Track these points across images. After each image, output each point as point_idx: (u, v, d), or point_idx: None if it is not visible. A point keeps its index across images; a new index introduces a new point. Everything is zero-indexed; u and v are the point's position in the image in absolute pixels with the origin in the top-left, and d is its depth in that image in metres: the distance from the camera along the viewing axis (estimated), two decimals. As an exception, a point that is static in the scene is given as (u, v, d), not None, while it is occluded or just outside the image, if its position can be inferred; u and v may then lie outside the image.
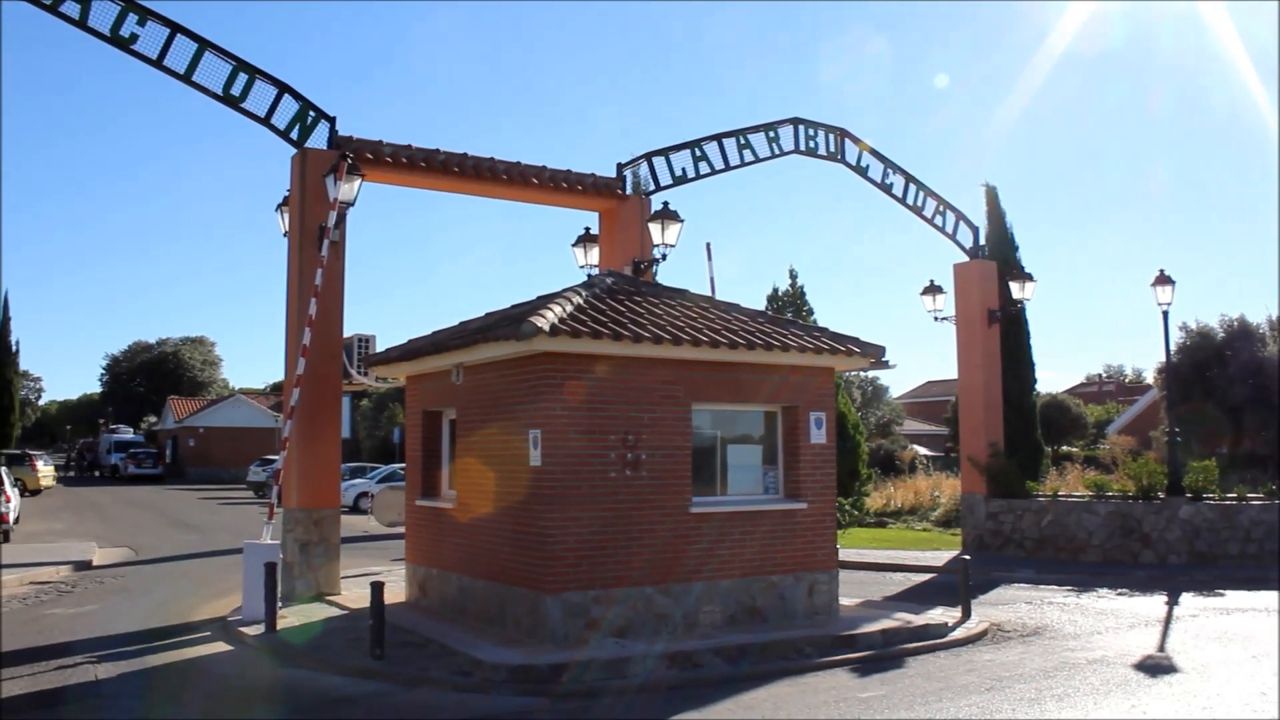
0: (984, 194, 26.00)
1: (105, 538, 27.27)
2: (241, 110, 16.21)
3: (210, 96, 16.06)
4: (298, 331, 15.71)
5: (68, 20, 15.25)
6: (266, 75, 16.29)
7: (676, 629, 12.58)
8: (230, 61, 16.08)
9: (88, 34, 15.41)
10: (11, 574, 19.08)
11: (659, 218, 18.10)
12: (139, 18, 15.54)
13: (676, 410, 12.87)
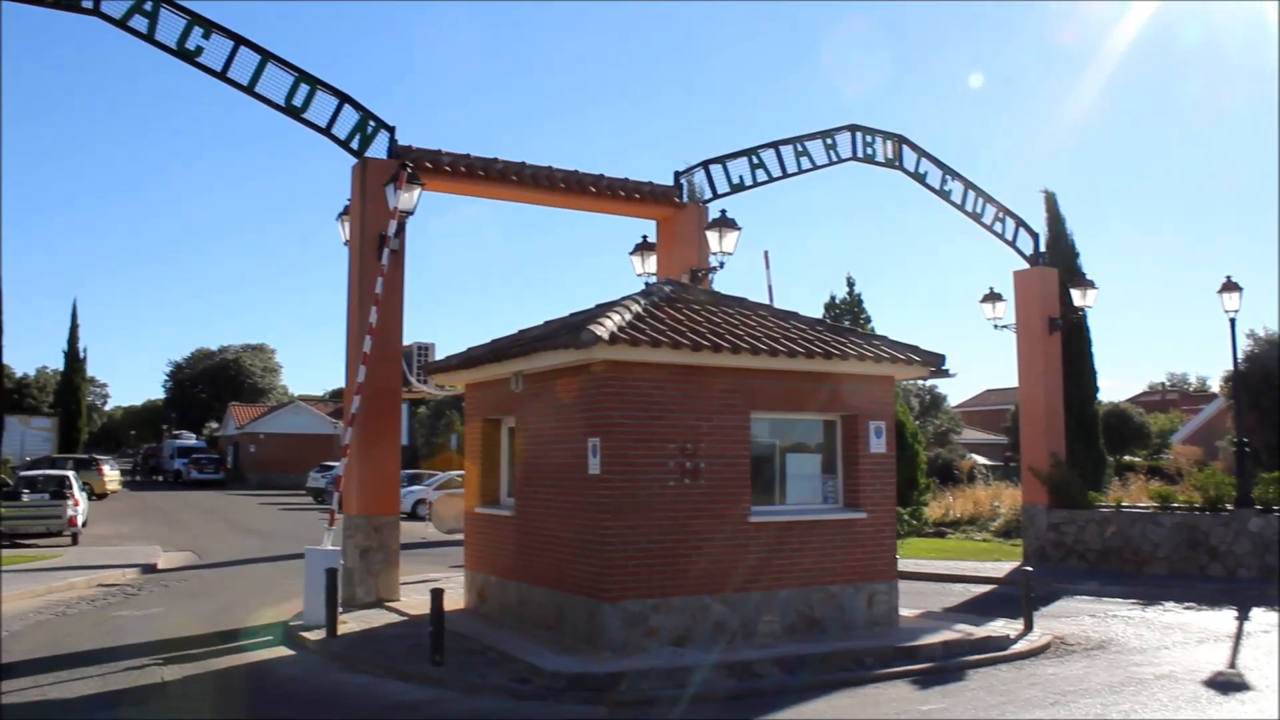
0: (1043, 200, 25.76)
1: (169, 541, 27.73)
2: (303, 120, 16.43)
3: (273, 107, 16.30)
4: (358, 339, 15.86)
5: (136, 34, 15.58)
6: (327, 86, 16.50)
7: (735, 638, 12.53)
8: (292, 73, 16.30)
9: (155, 47, 15.71)
10: (80, 576, 19.47)
11: (717, 225, 18.07)
12: (204, 31, 15.83)
13: (735, 419, 12.82)
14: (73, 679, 11.33)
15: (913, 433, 29.80)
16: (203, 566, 22.68)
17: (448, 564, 21.48)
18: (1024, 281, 23.91)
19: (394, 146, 16.82)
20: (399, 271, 16.40)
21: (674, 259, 19.31)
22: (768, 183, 20.40)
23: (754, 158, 20.22)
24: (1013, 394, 28.08)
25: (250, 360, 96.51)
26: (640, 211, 19.70)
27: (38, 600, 17.18)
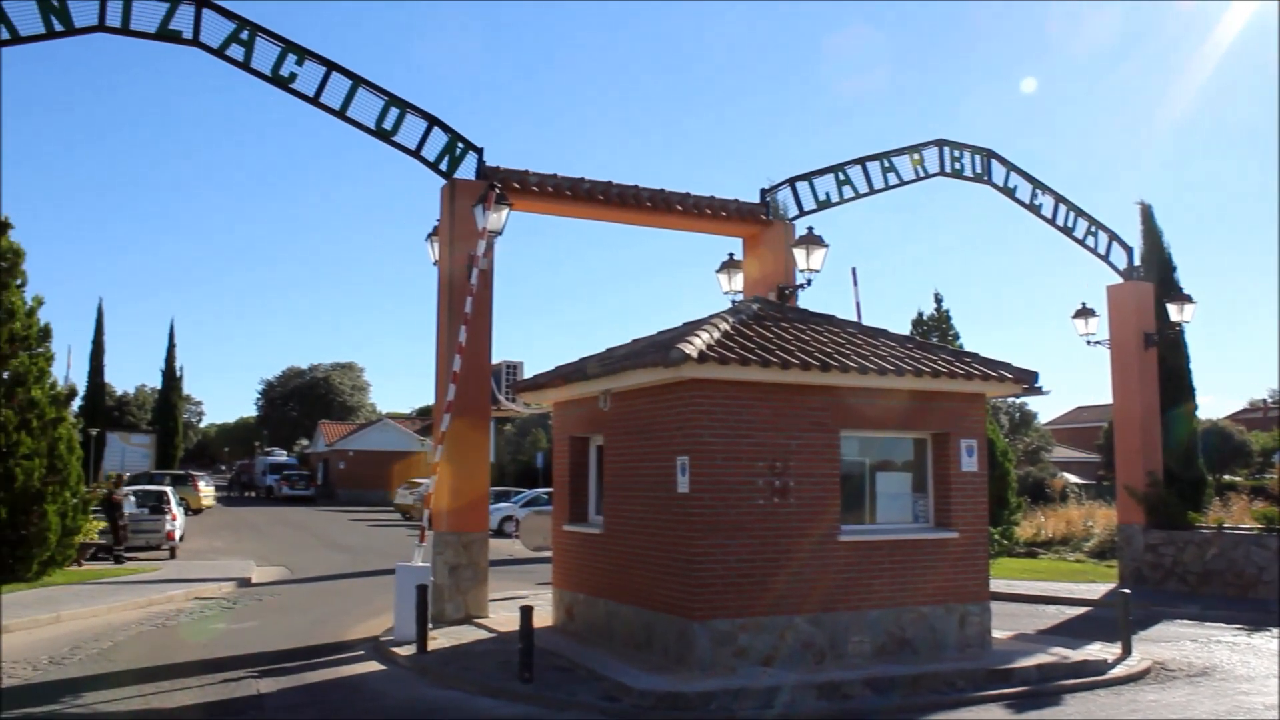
0: (1139, 212, 25.11)
1: (263, 556, 28.24)
2: (393, 143, 16.71)
3: (363, 131, 16.61)
4: (448, 358, 16.04)
5: (233, 63, 15.98)
6: (416, 109, 16.76)
7: (823, 658, 12.40)
8: (382, 96, 16.59)
9: (250, 75, 16.10)
10: (179, 589, 19.92)
11: (803, 243, 17.97)
12: (298, 58, 16.19)
13: (824, 437, 12.72)
14: (173, 689, 11.58)
15: (1003, 450, 29.26)
16: (295, 581, 23.05)
17: (534, 581, 21.57)
18: (1117, 296, 23.42)
19: (482, 167, 17.02)
20: (487, 290, 16.57)
21: (760, 276, 19.25)
22: (854, 199, 20.26)
23: (840, 174, 20.10)
24: (1105, 411, 27.49)
25: (339, 379, 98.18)
26: (726, 229, 19.67)
27: (139, 612, 17.61)
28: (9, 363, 20.82)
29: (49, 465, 20.65)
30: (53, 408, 21.26)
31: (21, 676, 12.27)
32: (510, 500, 39.60)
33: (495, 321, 16.82)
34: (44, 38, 15.29)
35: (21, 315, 21.21)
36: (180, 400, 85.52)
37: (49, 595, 18.49)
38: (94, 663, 13.18)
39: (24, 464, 19.98)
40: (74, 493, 21.58)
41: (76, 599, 18.09)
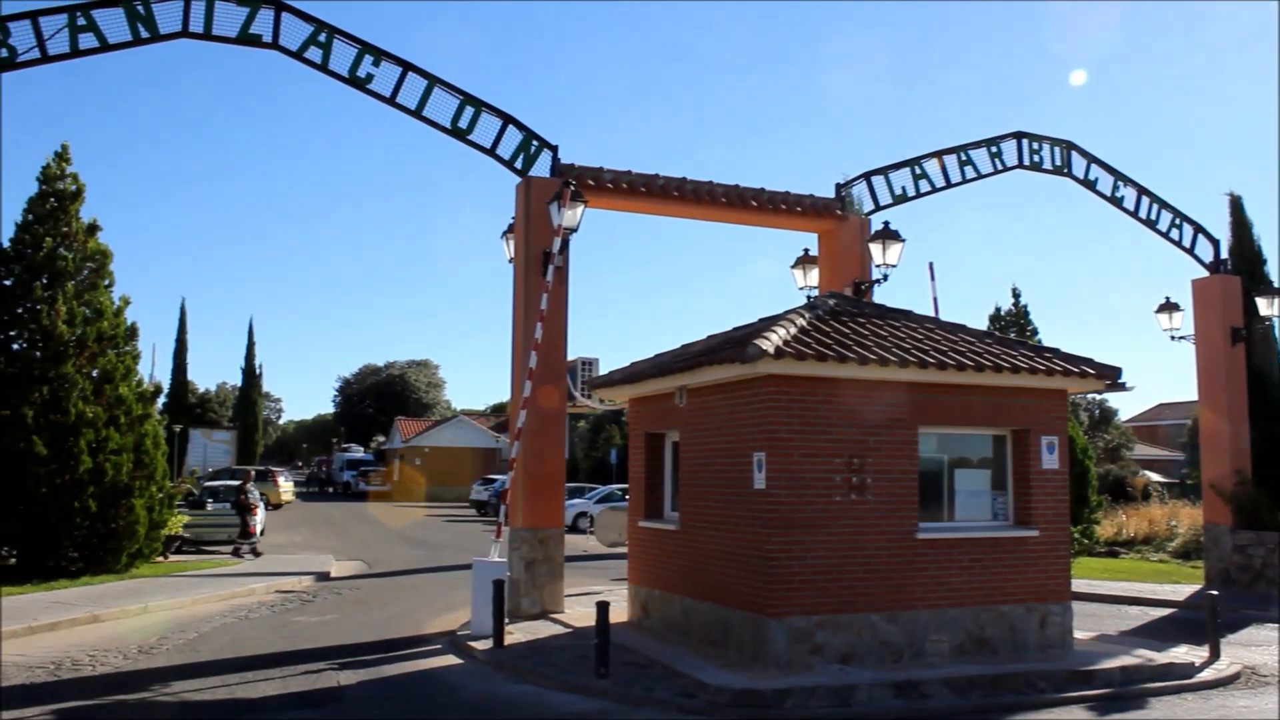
0: (1227, 203, 24.48)
1: (341, 551, 28.64)
2: (468, 142, 16.85)
3: (439, 130, 16.76)
4: (523, 355, 16.14)
5: (311, 65, 16.25)
6: (491, 107, 16.88)
7: (902, 657, 12.28)
8: (457, 96, 16.74)
9: (328, 76, 16.35)
10: (260, 582, 20.27)
11: (880, 238, 17.82)
12: (374, 59, 16.40)
13: (902, 433, 12.60)
14: (256, 680, 11.82)
15: (1082, 448, 28.76)
16: (373, 575, 23.34)
17: (609, 577, 21.65)
18: (1203, 290, 22.87)
19: (557, 165, 17.10)
20: (563, 287, 16.64)
21: (836, 272, 19.12)
22: (930, 193, 20.03)
23: (916, 168, 19.89)
24: (1189, 408, 26.84)
25: (415, 376, 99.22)
26: (801, 225, 19.56)
27: (222, 604, 17.97)
28: (98, 361, 21.35)
29: (136, 460, 21.14)
30: (139, 404, 21.75)
31: (113, 665, 12.61)
32: (584, 496, 39.74)
33: (570, 318, 16.92)
34: (131, 45, 15.68)
35: (109, 315, 21.74)
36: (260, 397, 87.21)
37: (137, 587, 18.94)
38: (180, 653, 13.49)
39: (113, 459, 20.47)
40: (160, 487, 22.06)
41: (163, 591, 18.51)
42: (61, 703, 10.58)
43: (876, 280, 18.36)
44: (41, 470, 19.63)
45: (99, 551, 20.52)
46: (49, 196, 21.76)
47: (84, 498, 19.97)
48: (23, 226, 21.48)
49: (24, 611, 15.63)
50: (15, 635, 14.18)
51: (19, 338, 20.98)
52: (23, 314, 20.93)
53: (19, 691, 11.09)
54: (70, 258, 21.52)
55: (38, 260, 21.12)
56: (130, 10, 15.51)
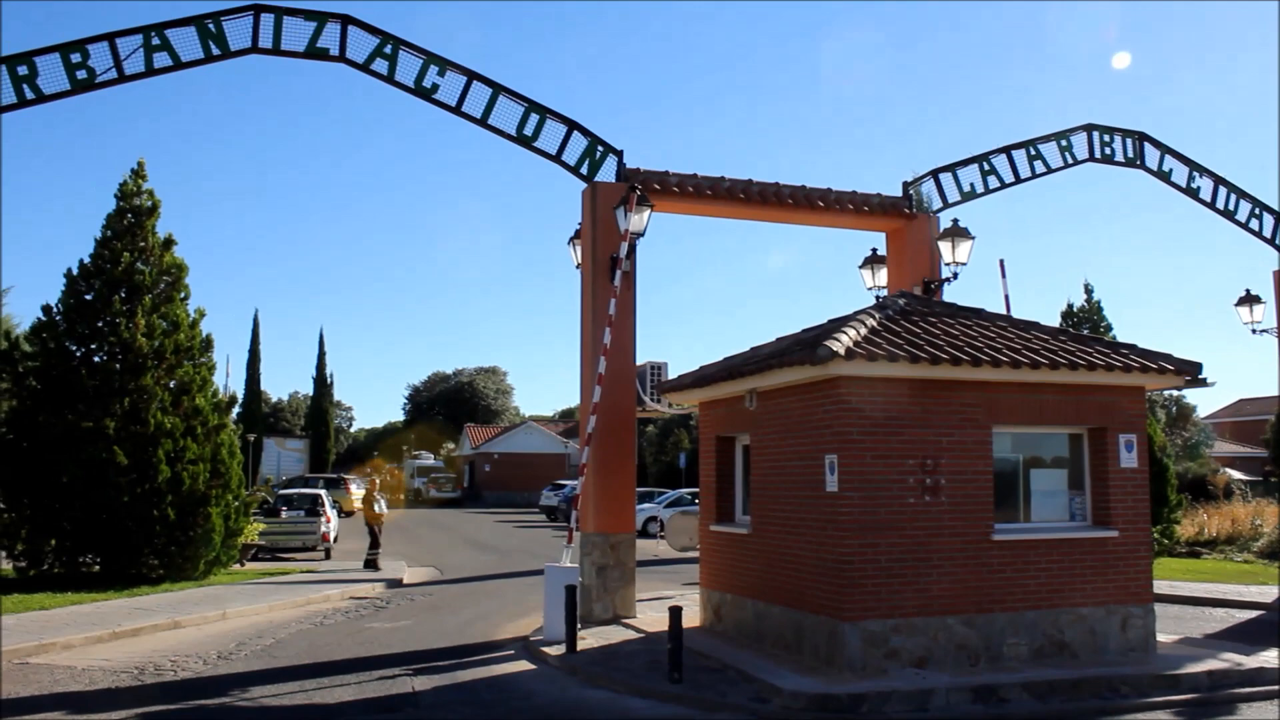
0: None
1: (413, 557, 28.92)
2: (534, 149, 16.94)
3: (504, 138, 16.89)
4: (593, 360, 16.18)
5: (377, 76, 16.46)
6: (556, 114, 16.96)
7: (979, 661, 12.09)
8: (522, 103, 16.84)
9: (394, 87, 16.53)
10: (334, 588, 20.52)
11: (949, 235, 17.61)
12: (439, 69, 16.57)
13: (976, 433, 12.42)
14: (333, 685, 11.94)
15: (1161, 446, 28.18)
16: (445, 582, 23.52)
17: (680, 581, 21.61)
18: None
19: (622, 169, 17.13)
20: (630, 292, 16.66)
21: (905, 271, 18.93)
22: (999, 189, 19.73)
23: (985, 164, 19.62)
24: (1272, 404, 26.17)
25: (484, 383, 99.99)
26: (869, 224, 19.40)
27: (298, 610, 18.21)
28: (175, 372, 21.77)
29: (212, 469, 21.50)
30: (215, 414, 22.13)
31: (194, 670, 12.82)
32: (654, 501, 39.68)
33: (639, 322, 16.94)
34: (202, 63, 16.00)
35: (185, 327, 22.14)
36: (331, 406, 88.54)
37: (215, 594, 19.26)
38: (258, 658, 13.68)
39: (190, 468, 20.85)
40: (235, 496, 22.42)
41: (240, 597, 18.81)
42: (145, 706, 10.78)
43: (946, 279, 18.16)
44: (123, 480, 20.05)
45: (178, 559, 20.91)
46: (126, 212, 22.23)
47: (163, 506, 20.36)
48: (102, 242, 21.96)
49: (108, 617, 15.97)
50: (100, 640, 14.49)
51: (100, 350, 21.45)
52: (103, 327, 21.41)
53: (105, 695, 11.34)
54: (147, 272, 21.97)
55: (116, 274, 21.59)
56: (202, 28, 15.83)
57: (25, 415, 20.81)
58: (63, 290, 21.76)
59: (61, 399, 20.61)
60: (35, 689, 11.64)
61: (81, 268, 21.81)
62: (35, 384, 21.07)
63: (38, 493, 20.16)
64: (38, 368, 21.20)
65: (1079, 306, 35.17)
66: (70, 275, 21.78)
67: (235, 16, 15.98)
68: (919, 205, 19.16)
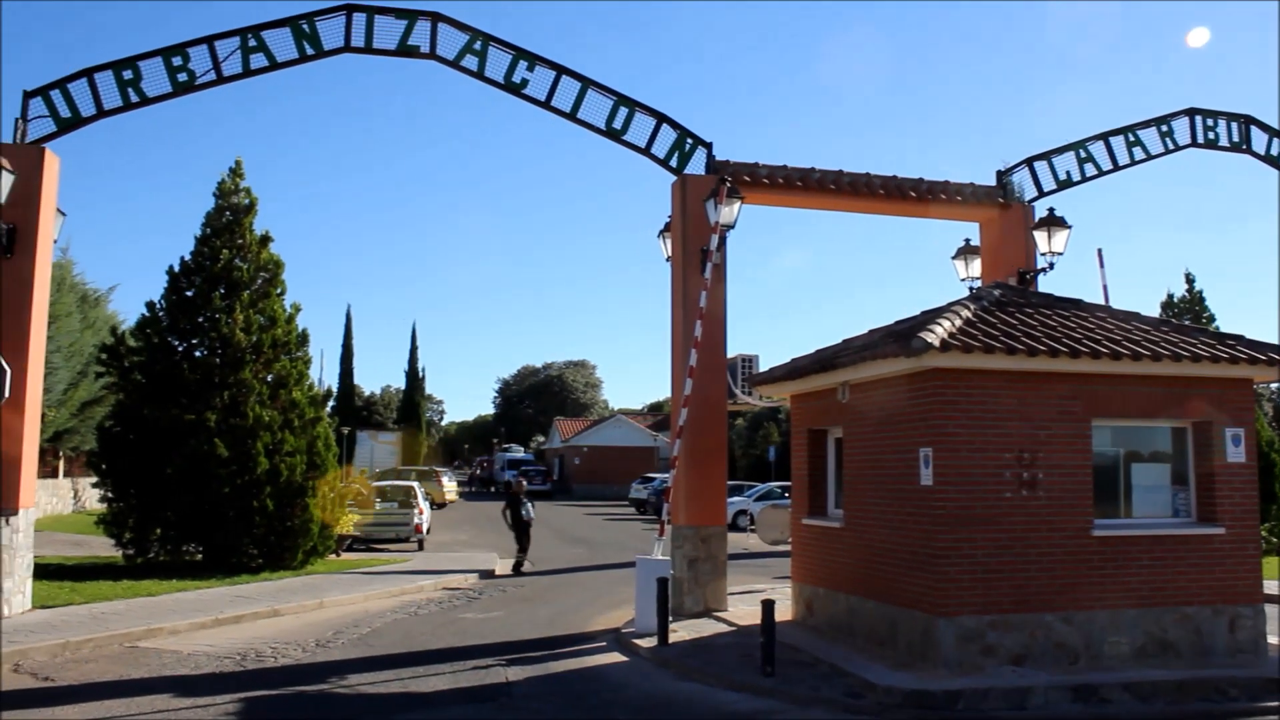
0: None
1: (505, 549, 29.07)
2: (623, 142, 16.98)
3: (594, 131, 16.96)
4: (683, 353, 16.15)
5: (467, 72, 16.65)
6: (645, 107, 16.96)
7: (1078, 660, 11.83)
8: (611, 97, 16.88)
9: (484, 83, 16.69)
10: (427, 579, 20.77)
11: (1045, 225, 17.26)
12: (528, 64, 16.70)
13: (1074, 427, 12.14)
14: (428, 674, 12.10)
15: (1268, 440, 27.29)
16: (536, 574, 23.65)
17: (771, 575, 21.52)
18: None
19: (711, 162, 17.08)
20: (721, 284, 16.60)
21: (999, 261, 18.60)
22: (1097, 177, 19.28)
23: (1081, 151, 19.16)
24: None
25: (573, 376, 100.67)
26: (962, 214, 19.09)
27: (393, 600, 18.47)
28: (273, 366, 22.22)
29: (309, 462, 21.89)
30: (311, 408, 22.54)
31: (293, 657, 13.09)
32: (743, 494, 39.53)
33: (729, 315, 16.88)
34: (297, 63, 16.34)
35: (282, 322, 22.58)
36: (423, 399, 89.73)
37: (312, 583, 19.63)
38: (355, 647, 13.91)
39: (288, 460, 21.26)
40: (332, 487, 22.80)
41: (337, 587, 19.13)
42: (247, 692, 11.03)
43: (1042, 269, 17.79)
44: (223, 471, 20.51)
45: (276, 549, 21.34)
46: (225, 210, 22.73)
47: (262, 497, 20.80)
48: (202, 240, 22.49)
49: (211, 604, 16.38)
50: (204, 626, 14.86)
51: (201, 345, 21.97)
52: (203, 323, 21.93)
53: (211, 679, 11.64)
54: (245, 268, 22.43)
55: (216, 271, 22.10)
56: (296, 29, 16.15)
57: (131, 409, 21.43)
58: (165, 287, 22.32)
59: (165, 393, 21.16)
60: (145, 672, 12.00)
61: (183, 265, 22.36)
62: (140, 378, 21.65)
63: (144, 484, 20.73)
64: (143, 362, 21.78)
65: (1180, 297, 34.22)
66: (172, 272, 22.33)
67: (328, 17, 16.29)
68: (1013, 195, 18.78)
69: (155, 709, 10.19)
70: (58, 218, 16.34)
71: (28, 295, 15.20)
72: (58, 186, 16.01)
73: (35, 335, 15.40)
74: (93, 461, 22.50)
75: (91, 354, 33.82)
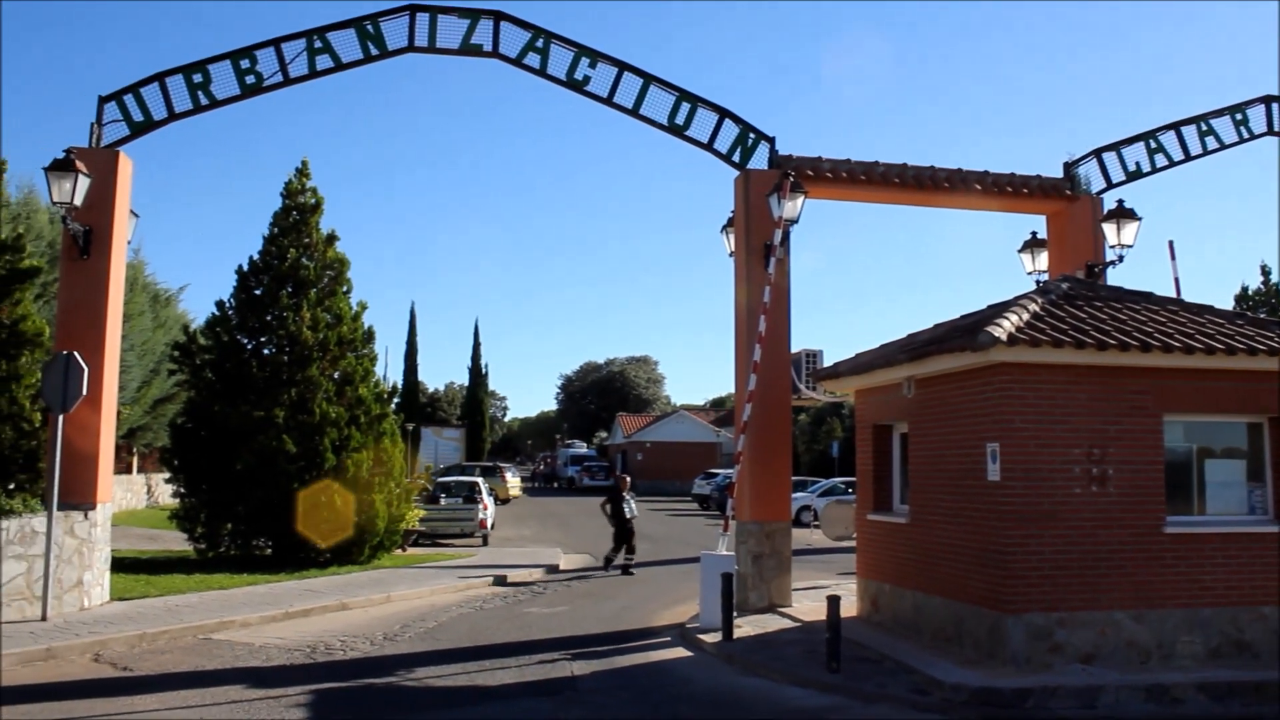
0: None
1: (568, 544, 29.30)
2: (685, 138, 16.98)
3: (656, 127, 16.97)
4: (747, 348, 16.12)
5: (530, 70, 16.76)
6: (707, 103, 16.95)
7: (1149, 659, 11.63)
8: (673, 93, 16.89)
9: (546, 80, 16.78)
10: (493, 574, 20.91)
11: (1114, 217, 16.99)
12: (590, 61, 16.76)
13: (1146, 422, 11.94)
14: (494, 668, 12.19)
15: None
16: (600, 568, 23.74)
17: (835, 571, 21.42)
18: None
19: (774, 156, 17.02)
20: (785, 279, 16.55)
21: (1066, 254, 18.34)
22: (1168, 167, 18.92)
23: (1152, 141, 18.82)
24: None
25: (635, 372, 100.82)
26: (1028, 207, 18.84)
27: (459, 595, 18.64)
28: (339, 364, 22.49)
29: (375, 458, 22.11)
30: (377, 404, 22.77)
31: (361, 650, 13.26)
32: (807, 490, 39.37)
33: (793, 310, 16.82)
34: (362, 63, 16.56)
35: (348, 320, 22.84)
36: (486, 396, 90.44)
37: (379, 578, 19.86)
38: (422, 640, 14.06)
39: (354, 456, 21.49)
40: (397, 483, 23.02)
41: (403, 581, 19.34)
42: (317, 684, 11.19)
43: (1111, 262, 17.52)
44: (292, 467, 20.80)
45: (343, 544, 21.61)
46: (292, 210, 23.03)
47: (329, 493, 21.05)
48: (269, 239, 22.81)
49: (281, 598, 16.64)
50: (274, 620, 15.10)
51: (269, 343, 22.29)
52: (271, 321, 22.24)
53: (282, 671, 11.83)
54: (312, 267, 22.72)
55: (283, 270, 22.41)
56: (361, 30, 16.36)
57: (202, 406, 21.81)
58: (234, 286, 22.67)
59: (234, 390, 21.50)
60: (219, 663, 12.22)
61: (251, 264, 22.70)
62: (211, 376, 22.01)
63: (215, 479, 21.09)
64: (213, 360, 22.15)
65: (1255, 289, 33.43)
66: (241, 272, 22.68)
67: (392, 17, 16.46)
68: (1081, 186, 18.50)
69: (229, 699, 10.38)
70: (131, 219, 16.70)
71: (103, 295, 15.56)
72: (131, 189, 16.36)
73: (111, 334, 15.77)
74: (165, 457, 22.88)
75: (163, 352, 34.50)
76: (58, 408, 14.48)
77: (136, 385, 34.86)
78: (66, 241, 15.57)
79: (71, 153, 15.18)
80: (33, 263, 16.70)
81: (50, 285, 23.04)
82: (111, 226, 15.65)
